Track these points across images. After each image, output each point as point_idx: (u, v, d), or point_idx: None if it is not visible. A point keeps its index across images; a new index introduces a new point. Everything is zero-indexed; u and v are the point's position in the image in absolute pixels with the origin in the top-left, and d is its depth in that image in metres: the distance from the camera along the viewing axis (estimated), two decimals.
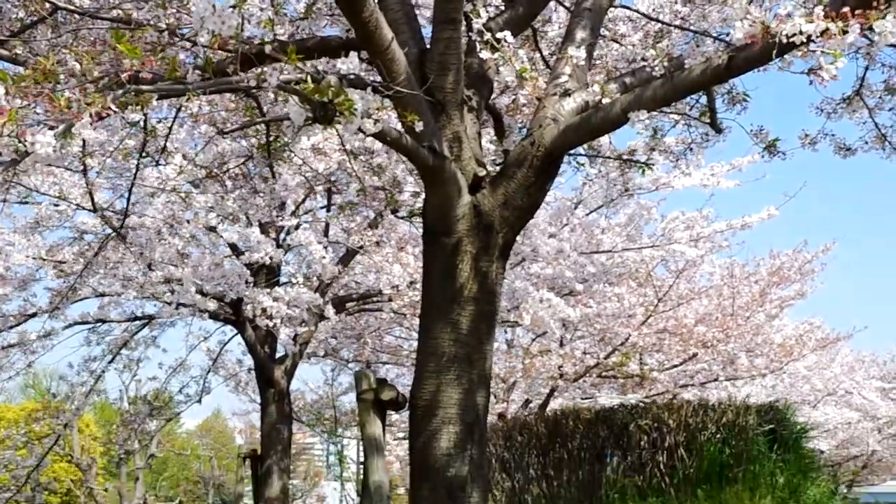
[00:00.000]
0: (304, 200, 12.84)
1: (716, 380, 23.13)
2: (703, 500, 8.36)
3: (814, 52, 5.35)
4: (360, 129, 4.72)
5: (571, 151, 7.82)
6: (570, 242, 14.44)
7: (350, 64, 4.36)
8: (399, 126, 5.31)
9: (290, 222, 11.76)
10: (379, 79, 5.12)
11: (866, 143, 8.01)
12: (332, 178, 11.26)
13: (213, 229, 11.77)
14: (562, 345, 20.11)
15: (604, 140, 8.13)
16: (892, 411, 39.71)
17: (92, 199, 10.19)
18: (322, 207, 13.68)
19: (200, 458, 52.58)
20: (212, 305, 10.34)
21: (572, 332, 19.62)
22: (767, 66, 5.38)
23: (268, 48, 5.22)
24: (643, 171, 7.70)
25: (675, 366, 22.31)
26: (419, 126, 5.06)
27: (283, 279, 13.82)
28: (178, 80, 3.78)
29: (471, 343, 5.58)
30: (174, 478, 55.02)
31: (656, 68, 5.49)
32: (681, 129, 8.03)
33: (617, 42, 6.85)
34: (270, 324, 11.89)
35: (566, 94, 5.81)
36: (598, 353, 20.91)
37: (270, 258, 11.68)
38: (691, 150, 7.95)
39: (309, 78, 4.23)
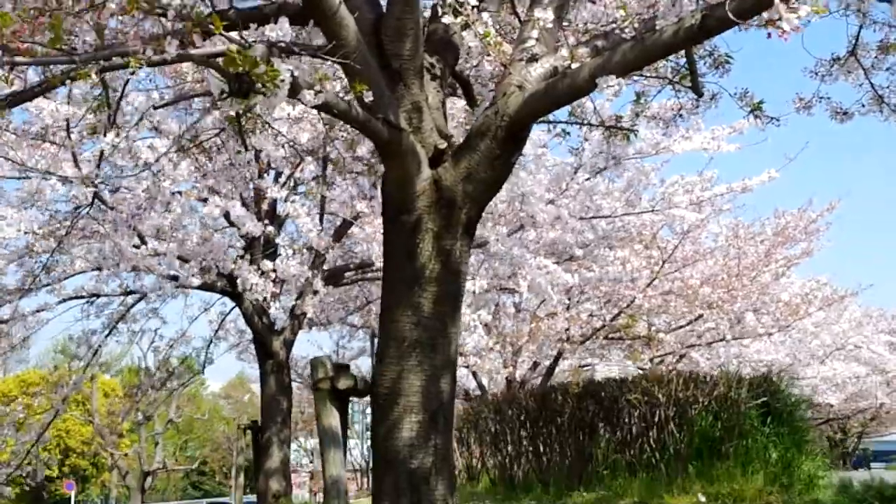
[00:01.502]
0: (294, 171, 12.51)
1: (723, 339, 22.87)
2: (694, 476, 8.07)
3: (795, 8, 4.98)
4: (299, 101, 4.40)
5: (552, 119, 7.48)
6: (569, 208, 14.11)
7: (279, 31, 4.01)
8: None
9: (278, 194, 11.47)
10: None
11: (863, 105, 7.60)
12: (317, 148, 10.93)
13: (205, 201, 11.50)
14: (568, 308, 19.85)
15: (588, 105, 7.75)
16: None
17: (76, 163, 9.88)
18: (314, 178, 13.36)
19: (225, 419, 52.88)
20: (195, 281, 10.07)
21: (578, 294, 19.32)
22: (746, 25, 4.99)
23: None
24: (627, 137, 7.33)
25: (682, 326, 22.05)
26: (368, 96, 4.73)
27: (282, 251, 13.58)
28: (67, 52, 3.44)
29: (434, 327, 5.27)
30: (200, 439, 55.25)
31: (626, 30, 5.12)
32: (669, 94, 7.67)
33: (592, 2, 6.45)
34: (260, 298, 11.65)
35: (533, 59, 5.44)
36: (604, 315, 20.68)
37: (263, 231, 11.44)
38: (681, 115, 7.58)
39: (234, 48, 3.90)
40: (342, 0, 4.79)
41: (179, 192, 11.51)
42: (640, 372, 21.90)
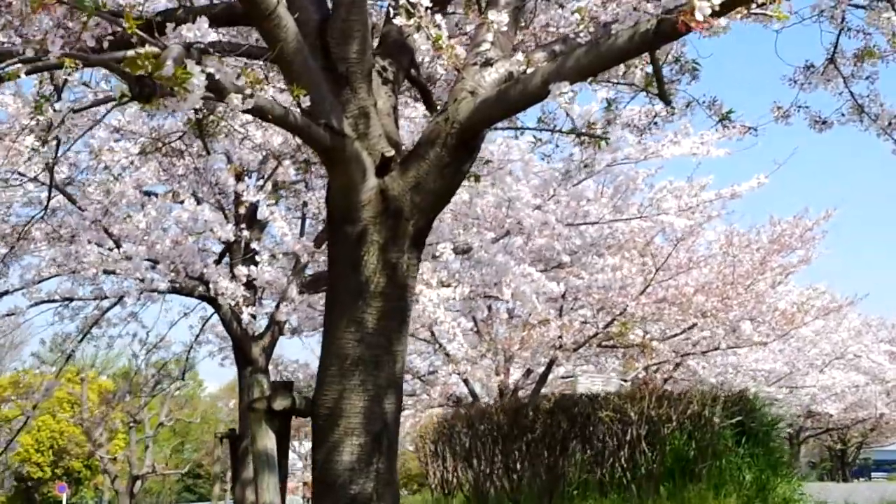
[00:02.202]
0: (272, 174, 12.25)
1: (717, 348, 22.60)
2: (666, 498, 7.80)
3: (756, 14, 4.74)
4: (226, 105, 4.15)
5: (521, 125, 7.23)
6: (557, 214, 13.85)
7: (197, 31, 3.76)
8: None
9: (255, 198, 11.22)
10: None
11: (843, 114, 7.36)
12: (293, 151, 10.68)
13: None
14: (561, 315, 19.58)
15: (560, 111, 7.49)
16: None
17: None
18: (294, 182, 13.11)
19: (222, 422, 52.55)
20: (162, 285, 9.83)
21: (572, 301, 19.05)
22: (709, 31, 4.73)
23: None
24: (599, 144, 7.08)
25: (676, 335, 21.76)
26: (306, 101, 4.48)
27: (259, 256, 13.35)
28: None
29: (378, 344, 5.02)
30: (196, 441, 55.00)
31: (582, 34, 4.87)
32: (644, 100, 7.43)
33: (561, 6, 6.19)
34: (232, 303, 11.42)
35: (487, 64, 5.20)
36: (597, 322, 20.41)
37: (238, 236, 11.22)
38: (656, 123, 7.33)
39: (151, 50, 3.66)
40: (280, 1, 4.54)
41: (154, 195, 11.30)
42: (623, 384, 21.65)
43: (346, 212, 5.04)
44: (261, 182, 12.26)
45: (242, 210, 12.12)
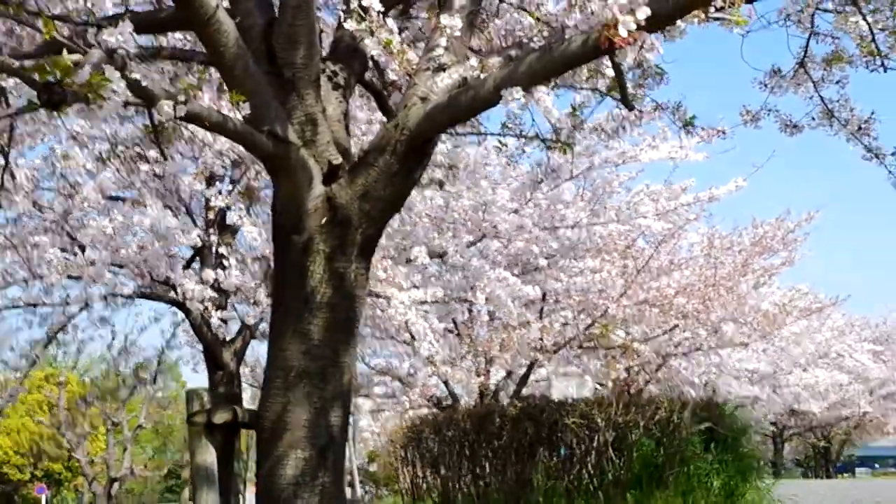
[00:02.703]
0: (240, 178, 12.09)
1: (699, 349, 22.55)
2: None
3: (716, 19, 4.61)
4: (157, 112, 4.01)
5: (485, 131, 7.10)
6: (533, 218, 13.74)
7: (119, 36, 3.61)
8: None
9: (223, 202, 11.09)
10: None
11: (813, 119, 7.25)
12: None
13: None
14: (541, 316, 19.47)
15: (525, 116, 7.36)
16: (884, 373, 39.48)
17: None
18: (267, 187, 12.94)
19: None
20: (127, 290, 9.68)
21: (553, 303, 18.94)
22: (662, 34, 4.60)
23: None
24: (564, 150, 6.95)
25: (658, 336, 21.67)
26: (246, 108, 4.34)
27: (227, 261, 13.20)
28: None
29: (325, 355, 4.88)
30: (180, 441, 54.66)
31: (535, 39, 4.73)
32: (612, 105, 7.30)
33: (525, 10, 6.04)
34: (201, 307, 11.28)
35: (440, 69, 5.05)
36: (578, 324, 20.30)
37: (204, 240, 11.10)
38: (623, 128, 7.20)
39: (75, 58, 3.51)
40: (219, 4, 4.40)
41: (122, 199, 11.14)
42: (599, 387, 21.54)
43: (292, 221, 4.90)
44: (230, 187, 12.11)
45: (212, 215, 11.97)
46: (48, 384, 34.54)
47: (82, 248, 10.75)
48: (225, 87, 4.75)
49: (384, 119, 6.02)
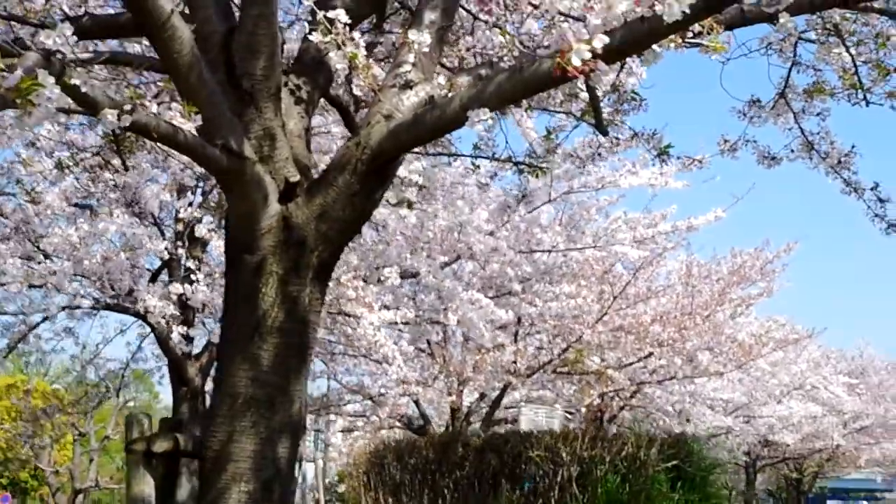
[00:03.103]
0: (210, 191, 11.84)
1: (673, 377, 22.38)
2: None
3: (693, 45, 4.42)
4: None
5: (457, 152, 6.90)
6: (509, 240, 13.54)
7: (57, 38, 3.38)
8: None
9: (189, 215, 10.85)
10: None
11: (792, 151, 7.10)
12: None
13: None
14: (516, 340, 19.27)
15: (499, 139, 7.17)
16: (858, 406, 39.40)
17: None
18: None
19: None
20: (86, 303, 9.41)
21: (528, 326, 18.74)
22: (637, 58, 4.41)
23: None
24: (537, 174, 6.75)
25: (632, 363, 21.51)
26: (198, 119, 4.11)
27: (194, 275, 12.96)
28: None
29: (274, 383, 4.63)
30: None
31: (506, 59, 4.53)
32: (589, 130, 7.11)
33: (498, 27, 5.83)
34: (163, 321, 11.01)
35: (407, 86, 4.84)
36: (552, 349, 20.11)
37: (170, 253, 10.85)
38: (599, 154, 7.00)
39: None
40: (174, 10, 4.17)
41: (90, 208, 10.87)
42: (569, 416, 21.31)
43: (245, 239, 4.65)
44: (202, 199, 11.87)
45: (181, 227, 11.71)
46: (17, 391, 34.02)
47: (47, 256, 10.51)
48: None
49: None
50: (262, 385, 4.60)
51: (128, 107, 3.85)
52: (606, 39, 3.22)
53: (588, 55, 3.18)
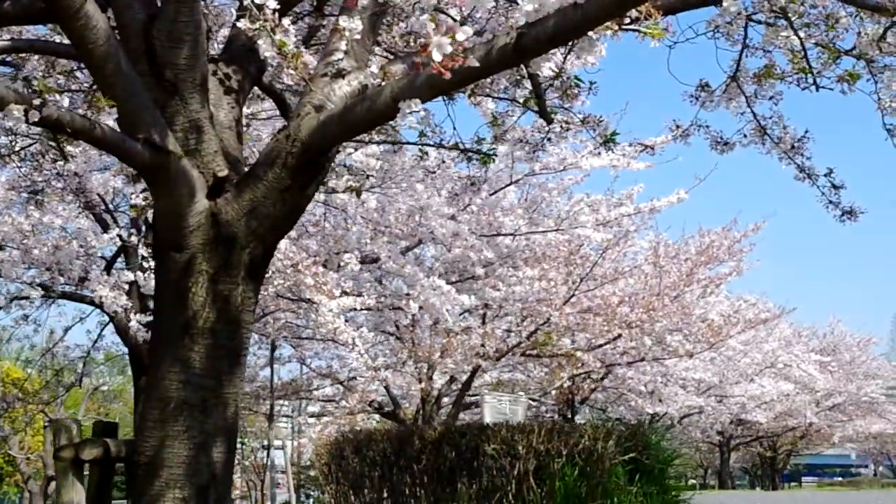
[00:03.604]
0: None
1: (643, 359, 22.38)
2: None
3: (630, 30, 4.28)
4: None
5: (403, 139, 6.74)
6: (470, 224, 13.40)
7: None
8: None
9: (141, 201, 10.62)
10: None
11: (745, 136, 6.97)
12: None
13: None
14: (484, 322, 19.17)
15: (448, 125, 7.01)
16: (830, 384, 39.60)
17: None
18: None
19: None
20: (35, 293, 9.21)
21: (497, 309, 18.63)
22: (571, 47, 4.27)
23: None
24: (485, 161, 6.60)
25: (601, 345, 21.46)
26: (110, 112, 3.94)
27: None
28: None
29: (206, 386, 4.47)
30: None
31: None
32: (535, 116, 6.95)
33: (442, 11, 5.63)
34: (120, 310, 10.83)
35: (339, 75, 4.67)
36: (520, 332, 20.04)
37: (120, 242, 10.65)
38: (549, 139, 6.86)
39: None
40: None
41: (36, 196, 10.63)
42: (533, 403, 21.25)
43: (172, 237, 4.49)
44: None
45: (134, 213, 11.50)
46: None
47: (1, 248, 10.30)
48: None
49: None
50: (193, 388, 4.45)
51: (37, 101, 3.67)
52: (470, 32, 3.02)
53: (450, 49, 2.99)
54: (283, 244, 11.32)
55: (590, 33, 4.14)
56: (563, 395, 25.98)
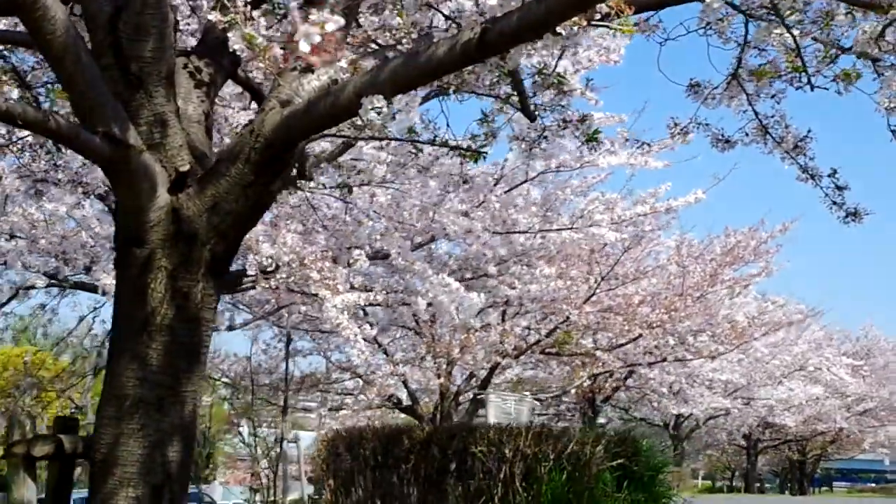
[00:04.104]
0: None
1: (664, 360, 22.14)
2: None
3: (601, 26, 4.14)
4: None
5: (391, 136, 6.63)
6: (484, 221, 13.25)
7: None
8: None
9: None
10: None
11: (747, 134, 6.79)
12: None
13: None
14: (503, 320, 19.05)
15: (441, 122, 6.90)
16: (862, 388, 38.96)
17: None
18: None
19: None
20: (40, 283, 9.22)
21: (517, 306, 18.48)
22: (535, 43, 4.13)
23: None
24: (475, 159, 6.47)
25: (622, 345, 21.26)
26: (63, 105, 3.87)
27: None
28: None
29: (163, 384, 4.39)
30: None
31: (404, 42, 4.25)
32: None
33: (431, 5, 5.50)
34: None
35: (308, 69, 4.56)
36: (540, 330, 19.90)
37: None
38: (545, 137, 6.71)
39: None
40: None
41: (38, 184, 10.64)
42: (538, 403, 21.05)
43: (133, 232, 4.41)
44: None
45: None
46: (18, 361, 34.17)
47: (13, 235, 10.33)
48: None
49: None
50: (151, 386, 4.37)
51: None
52: (341, 21, 2.87)
53: (318, 38, 2.85)
54: (291, 239, 11.26)
55: (558, 29, 4.00)
56: (584, 393, 25.81)
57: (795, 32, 5.21)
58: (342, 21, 2.82)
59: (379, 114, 4.11)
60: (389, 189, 12.80)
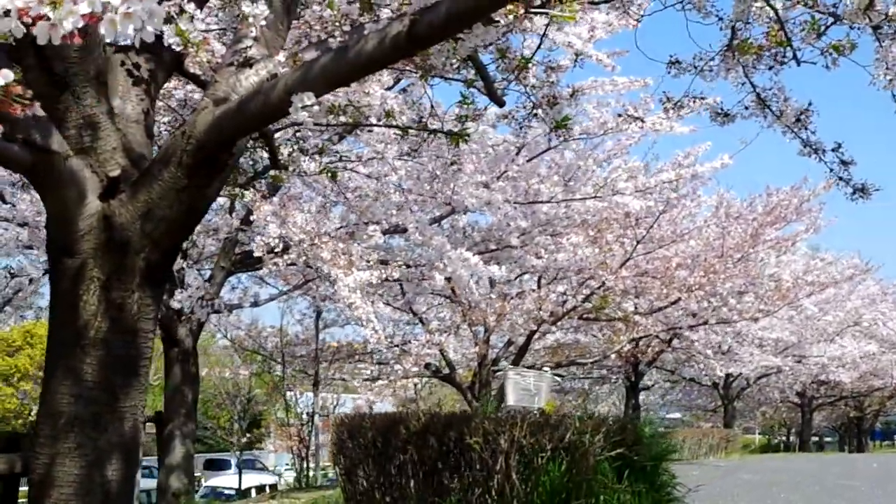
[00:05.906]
0: None
1: (706, 322, 21.70)
2: None
3: (540, 13, 3.83)
4: None
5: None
6: (506, 192, 12.92)
7: None
8: None
9: None
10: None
11: (746, 108, 6.44)
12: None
13: None
14: (539, 286, 18.77)
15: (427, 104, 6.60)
16: None
17: None
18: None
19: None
20: (35, 272, 9.13)
21: (554, 272, 18.16)
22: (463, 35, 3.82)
23: None
24: (456, 142, 6.17)
25: (660, 309, 20.87)
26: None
27: None
28: None
29: (99, 400, 4.20)
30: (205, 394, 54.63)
31: (336, 34, 3.97)
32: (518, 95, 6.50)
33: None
34: None
35: (247, 64, 4.30)
36: (576, 296, 19.57)
37: None
38: (535, 115, 6.40)
39: None
40: None
41: None
42: (558, 379, 20.71)
43: (63, 242, 4.20)
44: None
45: None
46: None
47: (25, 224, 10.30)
48: None
49: None
50: (85, 402, 4.18)
51: None
52: (88, 9, 2.41)
53: (81, 23, 2.39)
54: (301, 218, 11.04)
55: (494, 17, 3.70)
56: (627, 357, 25.45)
57: (778, 5, 4.82)
58: (88, 8, 2.40)
59: (309, 112, 3.86)
60: (408, 161, 12.56)
